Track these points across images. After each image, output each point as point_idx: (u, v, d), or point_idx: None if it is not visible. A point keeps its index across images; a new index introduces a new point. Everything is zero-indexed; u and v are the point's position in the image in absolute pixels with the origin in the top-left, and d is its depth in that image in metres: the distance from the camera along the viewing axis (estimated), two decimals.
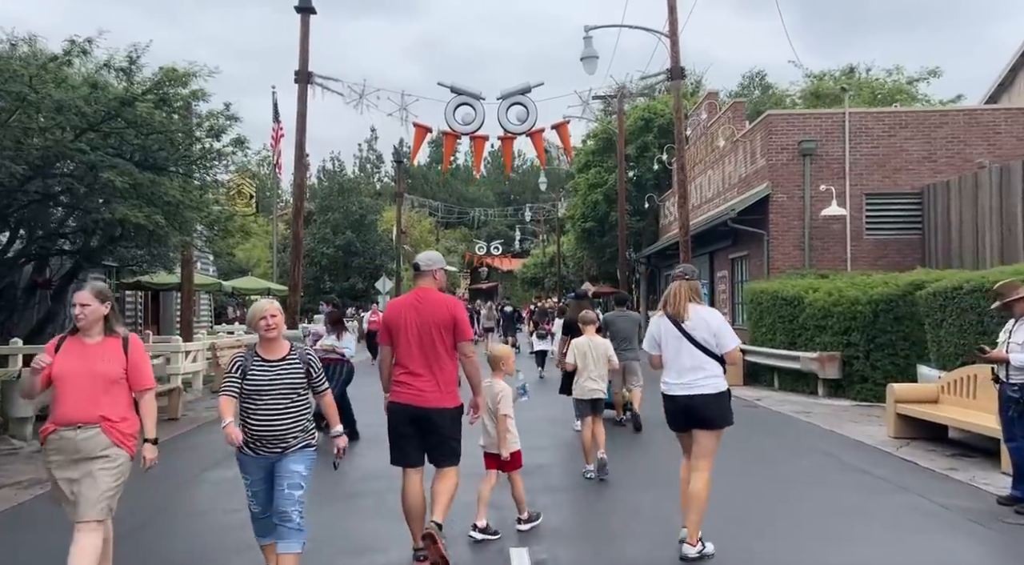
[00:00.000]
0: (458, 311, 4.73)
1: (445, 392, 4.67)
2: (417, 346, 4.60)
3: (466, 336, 4.71)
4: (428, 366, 4.61)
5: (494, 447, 5.41)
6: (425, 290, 4.73)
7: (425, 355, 4.60)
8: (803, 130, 16.31)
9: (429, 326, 4.60)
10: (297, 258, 17.97)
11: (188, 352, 13.75)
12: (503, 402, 5.32)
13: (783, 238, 16.34)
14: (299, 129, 18.17)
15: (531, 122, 18.04)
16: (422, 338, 4.60)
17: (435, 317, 4.61)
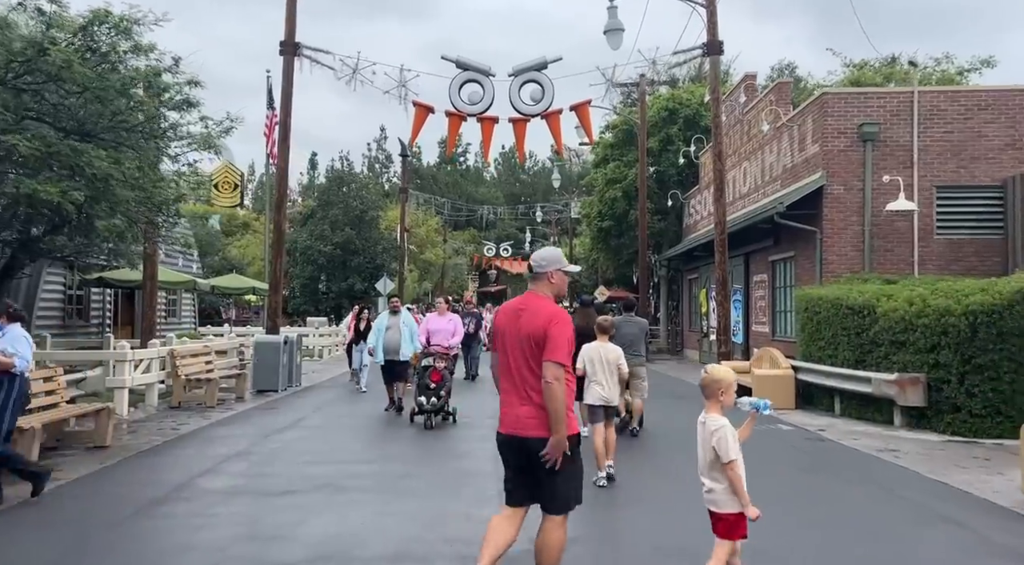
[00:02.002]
0: (554, 325, 3.85)
1: (545, 418, 3.81)
2: (516, 361, 3.95)
3: (554, 356, 3.79)
4: (526, 386, 3.90)
5: (721, 503, 3.96)
6: (532, 296, 4.06)
7: (523, 373, 3.92)
8: (864, 112, 14.05)
9: (525, 339, 3.90)
10: (279, 254, 15.83)
11: (137, 361, 11.61)
12: (721, 445, 3.89)
13: (839, 237, 14.07)
14: (284, 107, 16.06)
15: (547, 102, 15.86)
16: (517, 353, 3.94)
17: (531, 329, 3.89)
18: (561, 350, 3.78)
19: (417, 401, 10.04)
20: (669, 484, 7.13)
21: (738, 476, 3.87)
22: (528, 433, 3.82)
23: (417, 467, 7.77)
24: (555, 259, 4.08)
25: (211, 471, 7.59)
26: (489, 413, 11.75)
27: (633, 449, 8.83)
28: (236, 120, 10.34)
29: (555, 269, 4.05)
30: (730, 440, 3.87)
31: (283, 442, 9.22)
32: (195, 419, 11.19)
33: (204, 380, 12.71)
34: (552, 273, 4.04)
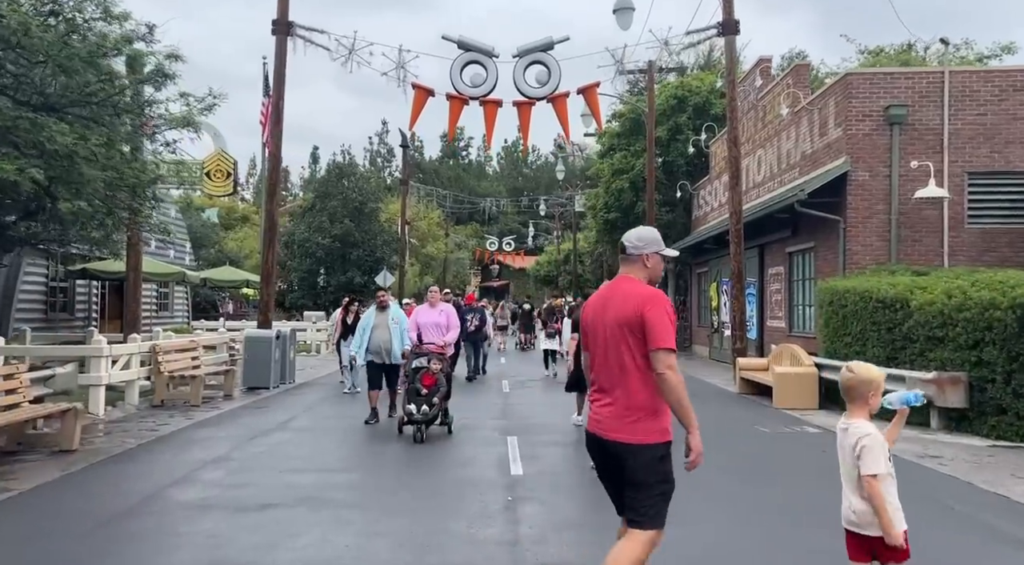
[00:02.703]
0: (651, 307, 3.41)
1: (635, 421, 3.43)
2: (602, 354, 3.55)
3: (660, 342, 3.36)
4: (611, 383, 3.50)
5: (865, 525, 3.39)
6: (623, 280, 3.64)
7: (609, 367, 3.51)
8: (890, 93, 13.21)
9: (615, 328, 3.49)
10: (271, 244, 15.05)
11: (115, 357, 10.83)
12: (866, 456, 3.34)
13: (864, 226, 13.25)
14: (276, 89, 15.28)
15: (554, 85, 15.05)
16: (607, 343, 3.51)
17: (621, 314, 3.47)
18: (666, 334, 3.35)
19: (406, 410, 8.64)
20: (708, 499, 6.35)
21: (880, 494, 3.32)
22: (608, 435, 3.48)
23: (412, 476, 6.99)
24: (652, 240, 3.64)
25: (184, 480, 6.82)
26: (494, 413, 10.97)
27: None
28: (219, 97, 9.55)
29: (652, 251, 3.62)
30: (877, 451, 3.34)
31: (267, 446, 8.45)
32: (177, 419, 10.43)
33: (189, 377, 11.95)
34: (648, 256, 3.61)
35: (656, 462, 3.43)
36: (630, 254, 3.63)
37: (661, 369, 3.32)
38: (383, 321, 9.87)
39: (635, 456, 3.42)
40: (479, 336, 15.82)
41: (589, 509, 5.92)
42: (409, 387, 8.80)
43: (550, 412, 11.15)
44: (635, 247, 3.61)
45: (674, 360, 3.36)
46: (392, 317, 9.90)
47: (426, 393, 8.67)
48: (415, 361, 9.06)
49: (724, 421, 10.66)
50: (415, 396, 8.68)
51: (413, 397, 8.68)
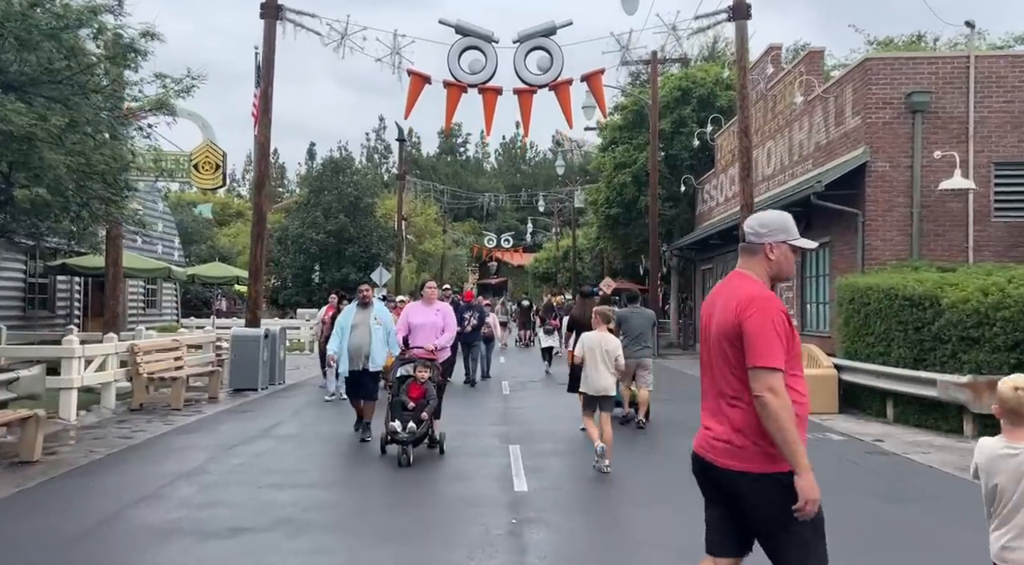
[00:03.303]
0: (751, 314, 2.68)
1: (747, 444, 2.70)
2: (707, 364, 2.90)
3: (757, 359, 2.64)
4: (717, 397, 2.82)
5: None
6: (735, 276, 2.88)
7: (714, 380, 2.85)
8: (912, 80, 12.52)
9: (717, 334, 2.82)
10: (260, 239, 14.34)
11: (90, 358, 10.12)
12: None
13: (884, 219, 12.56)
14: (265, 75, 14.58)
15: (556, 71, 14.35)
16: (712, 353, 2.84)
17: (722, 320, 2.78)
18: (767, 350, 2.64)
19: (389, 427, 7.22)
20: None
21: None
22: (717, 459, 2.81)
23: (403, 494, 6.29)
24: (779, 226, 2.88)
25: (151, 498, 6.12)
26: (494, 419, 10.28)
27: (664, 470, 7.36)
28: (199, 78, 8.82)
29: (778, 240, 2.87)
30: None
31: (247, 456, 7.75)
32: (155, 424, 9.73)
33: (170, 379, 11.25)
34: (772, 246, 2.86)
35: (782, 493, 2.67)
36: (750, 243, 2.91)
37: (759, 391, 2.64)
38: (364, 320, 8.38)
39: (754, 487, 2.71)
40: (478, 336, 14.46)
41: (604, 533, 5.24)
42: (393, 400, 7.45)
43: (554, 417, 10.46)
44: (756, 234, 2.89)
45: (777, 381, 2.64)
46: (375, 316, 8.38)
47: (413, 408, 7.31)
48: (400, 369, 7.73)
49: None
50: (400, 411, 7.29)
51: (397, 412, 7.29)
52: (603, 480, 6.78)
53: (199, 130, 19.03)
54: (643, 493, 6.34)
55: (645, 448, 8.37)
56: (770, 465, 2.69)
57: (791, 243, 2.88)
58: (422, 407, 7.36)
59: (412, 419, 7.20)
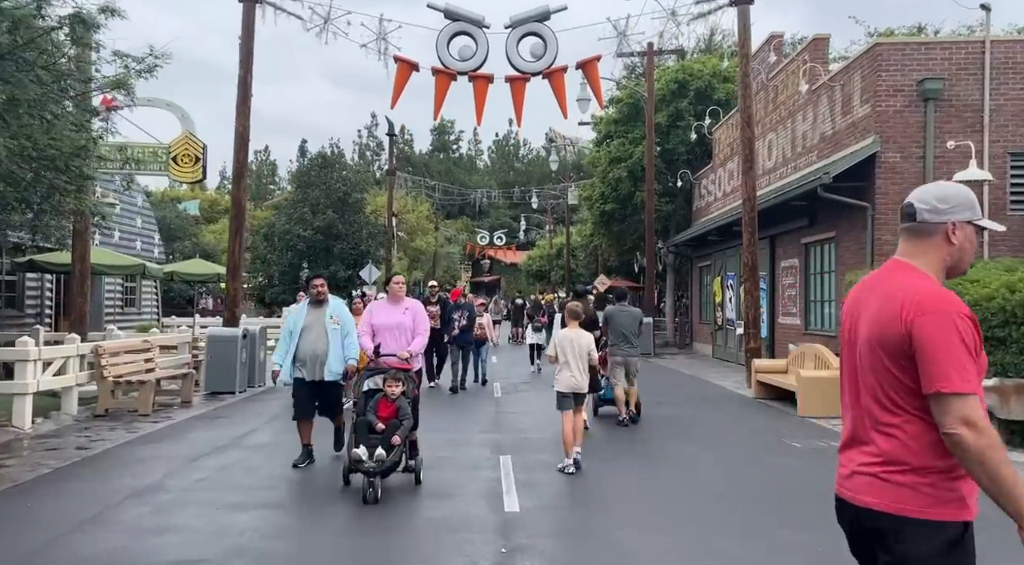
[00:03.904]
0: (925, 320, 2.00)
1: (904, 482, 2.04)
2: (851, 378, 2.22)
3: (941, 382, 1.95)
4: (865, 422, 2.14)
5: None
6: (896, 267, 2.20)
7: (861, 399, 2.16)
8: (924, 66, 11.91)
9: (868, 341, 2.13)
10: (238, 234, 13.62)
11: (49, 360, 9.39)
12: None
13: (894, 212, 11.91)
14: (244, 62, 13.83)
15: (550, 58, 13.69)
16: (859, 364, 2.16)
17: (878, 324, 2.09)
18: (956, 368, 1.96)
19: (353, 454, 5.90)
20: (770, 551, 5.00)
21: None
22: (861, 498, 2.13)
23: (379, 516, 5.60)
24: (965, 202, 2.19)
25: (94, 522, 5.42)
26: (484, 425, 9.60)
27: (676, 481, 6.70)
28: (162, 57, 8.11)
29: (962, 219, 2.18)
30: None
31: (211, 469, 7.06)
32: (117, 433, 9.02)
33: (137, 383, 10.53)
34: (955, 226, 2.17)
35: (943, 551, 2.03)
36: (923, 222, 2.19)
37: (951, 426, 1.95)
38: (317, 321, 7.07)
39: (903, 536, 2.05)
40: (468, 337, 13.35)
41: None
42: (358, 420, 6.17)
43: (548, 422, 9.78)
44: (934, 211, 2.18)
45: (974, 410, 1.95)
46: (331, 315, 7.09)
47: (383, 429, 6.02)
48: (368, 381, 6.46)
49: (747, 433, 9.35)
50: (366, 433, 6.01)
51: (363, 435, 6.00)
52: (601, 498, 6.13)
53: (178, 121, 18.31)
54: (646, 514, 5.68)
55: (644, 457, 7.71)
56: (928, 510, 2.02)
57: (976, 223, 2.20)
58: (393, 429, 6.03)
59: (381, 444, 5.88)
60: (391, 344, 6.98)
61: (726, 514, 5.63)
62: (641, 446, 8.34)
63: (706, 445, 8.38)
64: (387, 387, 6.26)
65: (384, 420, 6.13)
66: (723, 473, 7.02)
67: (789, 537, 5.10)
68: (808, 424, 9.90)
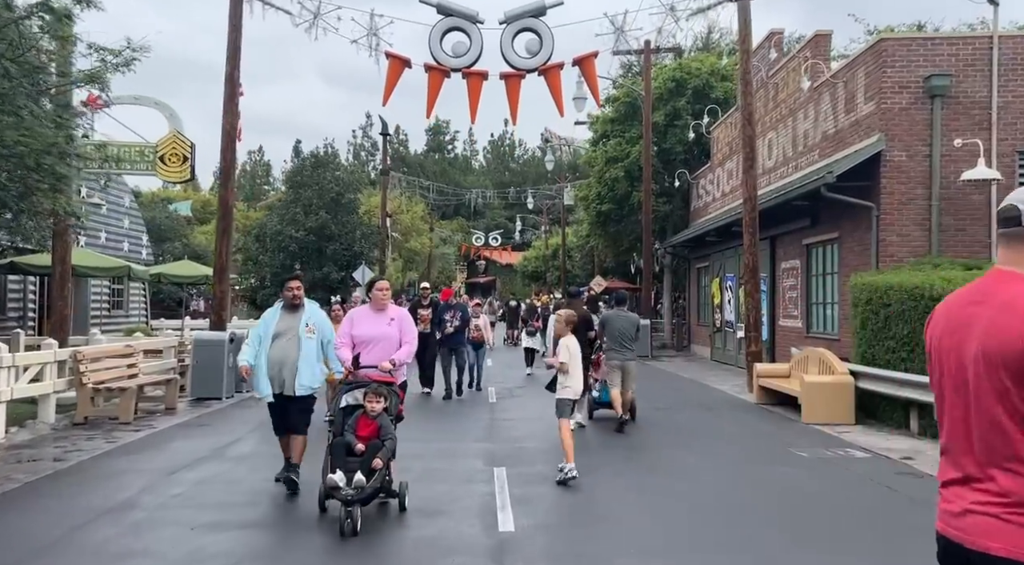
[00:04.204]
0: None
1: None
2: (959, 404, 1.90)
3: None
4: (978, 454, 1.84)
5: None
6: (1002, 276, 1.90)
7: (971, 428, 1.87)
8: (931, 62, 11.60)
9: (984, 362, 1.82)
10: (225, 235, 13.24)
11: (24, 366, 9.00)
12: None
13: (900, 213, 11.64)
14: (231, 58, 13.46)
15: (546, 55, 13.34)
16: (970, 388, 1.86)
17: (998, 341, 1.79)
18: None
19: (329, 480, 5.18)
20: None
21: None
22: (979, 542, 1.83)
23: (364, 536, 5.22)
24: None
25: (56, 546, 5.04)
26: (478, 434, 9.24)
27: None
28: (140, 50, 7.73)
29: None
30: None
31: (190, 483, 6.68)
32: (95, 442, 8.64)
33: (118, 389, 10.14)
34: None
35: None
36: None
37: None
38: (291, 327, 6.30)
39: None
40: (462, 339, 12.59)
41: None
42: (334, 441, 5.45)
43: (545, 431, 9.45)
44: None
45: None
46: (306, 321, 6.32)
47: (362, 451, 5.31)
48: (346, 396, 5.74)
49: (750, 440, 9.01)
50: (343, 456, 5.29)
51: (340, 458, 5.28)
52: (600, 516, 5.78)
53: (166, 120, 17.92)
54: (647, 535, 5.34)
55: (644, 468, 7.37)
56: None
57: None
58: (374, 451, 5.30)
59: (361, 469, 5.15)
60: (373, 356, 6.12)
61: (734, 534, 5.29)
62: (641, 455, 8.00)
63: (708, 454, 8.04)
64: (367, 403, 5.57)
65: (364, 440, 5.42)
66: (728, 486, 6.68)
67: (805, 561, 4.75)
68: (813, 432, 9.58)
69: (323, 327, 6.44)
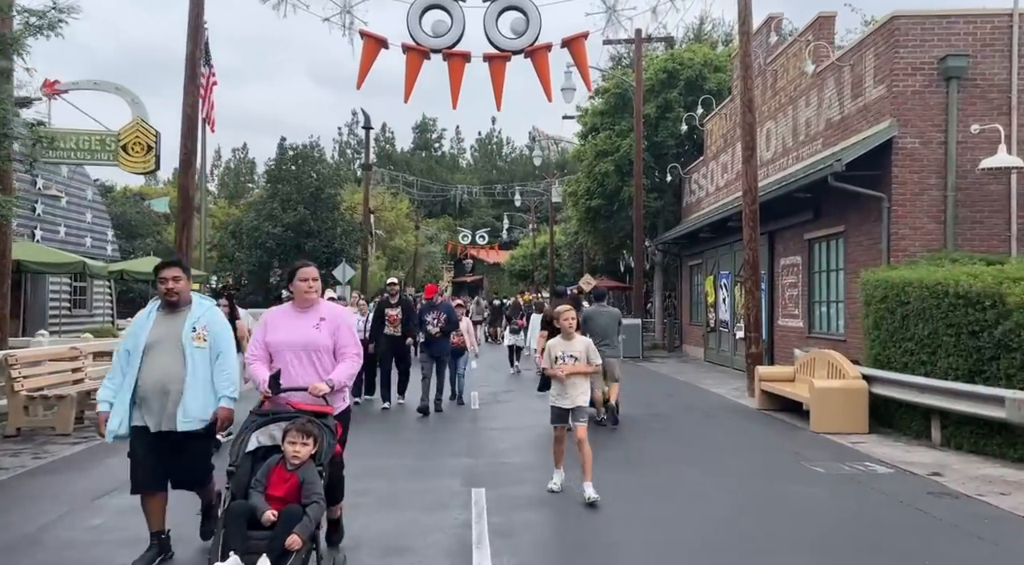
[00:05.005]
0: None
1: None
2: None
3: None
4: None
5: None
6: None
7: None
8: (946, 42, 10.79)
9: None
10: (185, 227, 12.24)
11: None
12: None
13: (913, 204, 10.82)
14: (191, 36, 12.44)
15: (532, 35, 12.40)
16: None
17: None
18: None
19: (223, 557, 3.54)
20: None
21: None
22: None
23: None
24: None
25: None
26: (457, 447, 8.29)
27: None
28: (68, 10, 6.75)
29: None
30: None
31: (113, 511, 5.71)
32: (22, 458, 7.65)
33: (55, 397, 9.13)
34: None
35: None
36: None
37: None
38: (170, 334, 4.44)
39: None
40: (446, 346, 10.82)
41: None
42: (232, 505, 3.73)
43: (532, 441, 8.56)
44: None
45: None
46: (193, 325, 4.47)
47: (272, 522, 3.62)
48: (256, 435, 4.00)
49: (758, 452, 8.14)
50: (243, 530, 3.60)
51: (238, 533, 3.59)
52: (593, 552, 4.87)
53: (128, 107, 16.87)
54: None
55: (642, 487, 6.47)
56: None
57: None
58: (290, 523, 3.58)
59: (268, 551, 3.48)
60: (298, 374, 4.36)
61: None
62: (640, 472, 7.10)
63: (714, 470, 7.16)
64: (288, 445, 3.83)
65: (278, 504, 3.70)
66: (741, 510, 5.79)
67: None
68: (824, 442, 8.72)
69: (218, 333, 4.52)
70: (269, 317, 4.68)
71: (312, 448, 3.87)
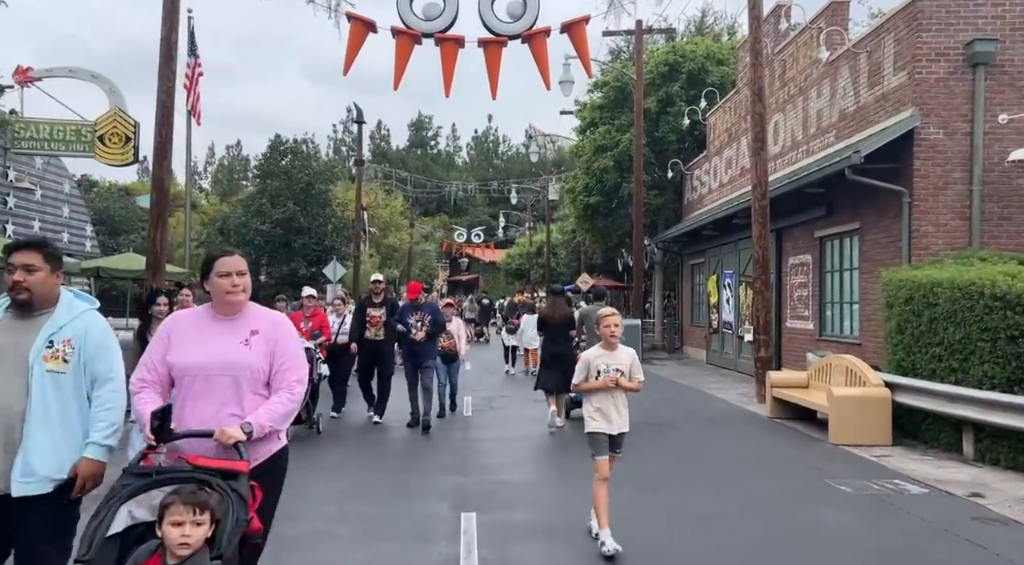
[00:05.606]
0: None
1: None
2: None
3: None
4: None
5: None
6: None
7: None
8: (973, 25, 10.11)
9: None
10: (160, 221, 11.47)
11: None
12: None
13: (936, 199, 10.13)
14: (167, 18, 11.67)
15: (530, 19, 11.71)
16: None
17: None
18: None
19: None
20: None
21: None
22: None
23: None
24: None
25: None
26: (447, 461, 7.56)
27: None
28: None
29: None
30: None
31: None
32: None
33: None
34: None
35: None
36: None
37: None
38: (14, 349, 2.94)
39: None
40: (432, 351, 9.53)
41: None
42: None
43: (528, 455, 7.84)
44: None
45: None
46: (51, 338, 2.97)
47: None
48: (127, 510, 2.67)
49: (776, 468, 7.44)
50: None
51: None
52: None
53: (105, 96, 16.12)
54: None
55: (655, 511, 5.76)
56: None
57: None
58: None
59: None
60: (206, 412, 2.99)
61: None
62: (643, 495, 6.37)
63: (731, 490, 6.45)
64: (169, 524, 2.55)
65: None
66: (766, 542, 5.09)
67: None
68: (846, 455, 8.03)
69: (94, 352, 3.07)
70: (171, 326, 3.18)
71: (208, 528, 2.57)
